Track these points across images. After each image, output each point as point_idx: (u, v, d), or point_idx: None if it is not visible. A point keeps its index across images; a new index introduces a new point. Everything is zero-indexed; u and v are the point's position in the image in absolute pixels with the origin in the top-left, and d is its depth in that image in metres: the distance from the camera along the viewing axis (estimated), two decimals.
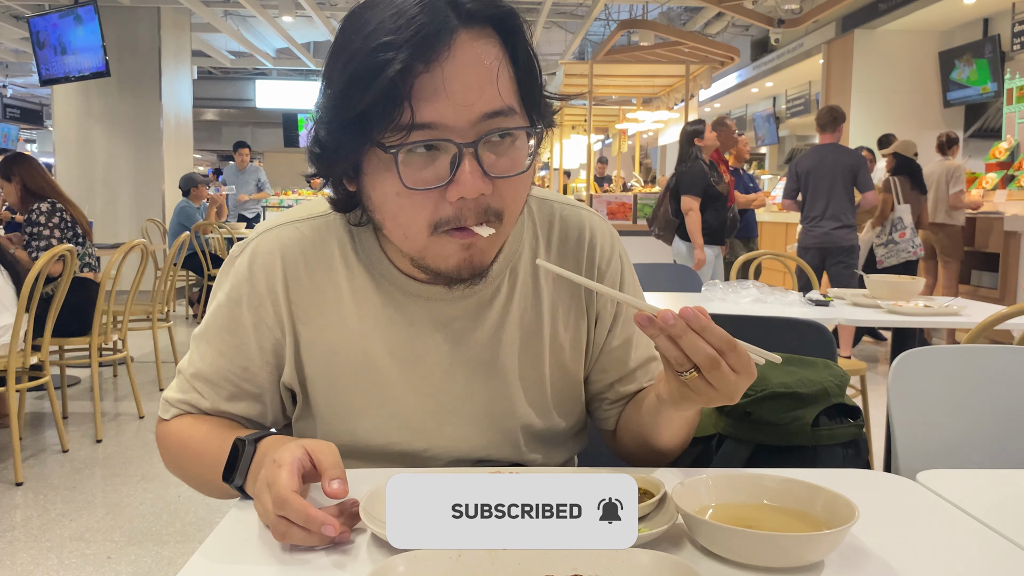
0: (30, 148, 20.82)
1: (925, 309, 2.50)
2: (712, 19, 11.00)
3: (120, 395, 4.40)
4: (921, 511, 0.81)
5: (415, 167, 0.76)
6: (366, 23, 0.76)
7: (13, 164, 3.77)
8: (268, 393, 0.95)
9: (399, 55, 0.72)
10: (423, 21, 0.73)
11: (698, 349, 0.72)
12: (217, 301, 0.94)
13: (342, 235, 0.92)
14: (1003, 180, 6.28)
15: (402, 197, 0.78)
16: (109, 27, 6.98)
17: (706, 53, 8.22)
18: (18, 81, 16.42)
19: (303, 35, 12.51)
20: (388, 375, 0.92)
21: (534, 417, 0.97)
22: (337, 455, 0.74)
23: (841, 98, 9.26)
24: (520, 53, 0.80)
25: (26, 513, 2.72)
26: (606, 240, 0.99)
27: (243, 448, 0.80)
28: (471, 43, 0.76)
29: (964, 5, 8.08)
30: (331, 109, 0.78)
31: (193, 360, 0.94)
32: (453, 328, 0.92)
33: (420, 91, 0.74)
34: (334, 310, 0.91)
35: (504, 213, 0.80)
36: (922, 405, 1.16)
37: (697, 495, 0.75)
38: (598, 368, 1.01)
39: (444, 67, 0.74)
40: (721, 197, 4.80)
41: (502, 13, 0.78)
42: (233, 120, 18.26)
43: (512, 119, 0.78)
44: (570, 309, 0.97)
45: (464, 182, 0.75)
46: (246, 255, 0.92)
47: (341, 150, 0.79)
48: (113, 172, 8.26)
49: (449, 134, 0.75)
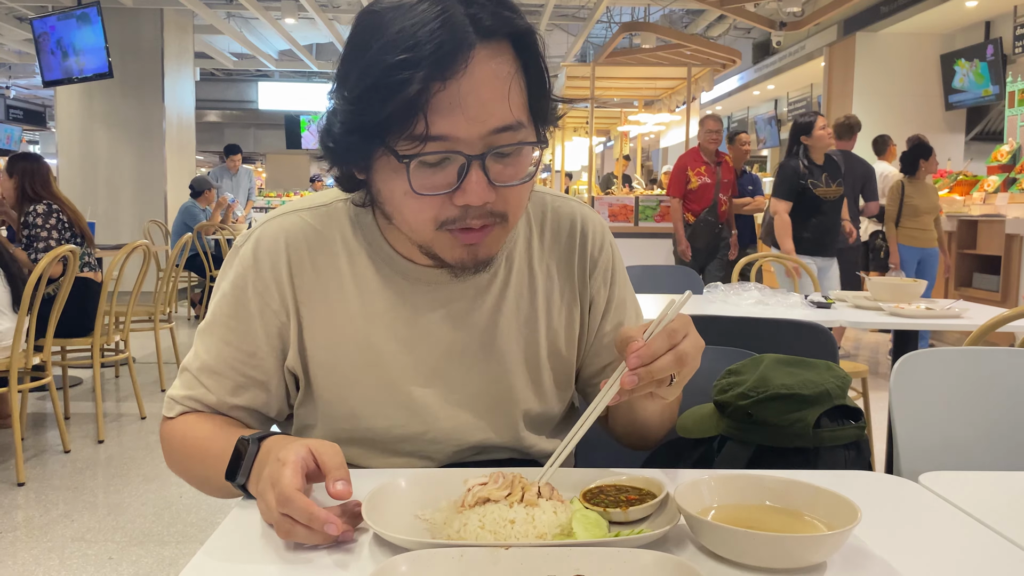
0: (33, 149, 20.87)
1: (927, 311, 2.50)
2: (714, 22, 11.01)
3: (122, 396, 4.40)
4: (924, 513, 0.81)
5: (423, 174, 0.79)
6: (384, 27, 0.77)
7: (19, 161, 3.76)
8: (273, 380, 0.96)
9: (418, 72, 0.74)
10: (443, 38, 0.74)
11: (663, 367, 0.76)
12: (221, 291, 0.95)
13: (343, 223, 0.95)
14: (1005, 183, 6.27)
15: (409, 197, 0.81)
16: (112, 28, 7.00)
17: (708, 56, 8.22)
18: (21, 82, 16.45)
19: (305, 37, 12.53)
20: (389, 358, 0.94)
21: (532, 400, 1.00)
22: (341, 456, 0.75)
23: (843, 101, 9.26)
24: (532, 68, 0.82)
25: (28, 513, 2.73)
26: (597, 230, 1.04)
27: (246, 447, 0.80)
28: (488, 60, 0.77)
29: (966, 8, 8.08)
30: (346, 111, 0.80)
31: (198, 354, 0.96)
32: (452, 312, 0.95)
33: (436, 105, 0.76)
34: (336, 295, 0.94)
35: (508, 215, 0.84)
36: (924, 407, 1.16)
37: (699, 496, 0.76)
38: (592, 352, 1.05)
39: (461, 83, 0.76)
40: (820, 201, 4.27)
41: (519, 31, 0.80)
42: (235, 122, 18.29)
43: (520, 132, 0.81)
44: (563, 296, 1.01)
45: (470, 191, 0.79)
46: (250, 243, 0.95)
47: (354, 148, 0.82)
48: (115, 173, 8.27)
49: (460, 146, 0.77)
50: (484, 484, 0.77)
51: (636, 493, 0.79)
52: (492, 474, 0.79)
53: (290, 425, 1.03)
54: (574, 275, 1.01)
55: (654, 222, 6.77)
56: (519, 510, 0.73)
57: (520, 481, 0.77)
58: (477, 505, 0.74)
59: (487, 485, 0.77)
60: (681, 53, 8.39)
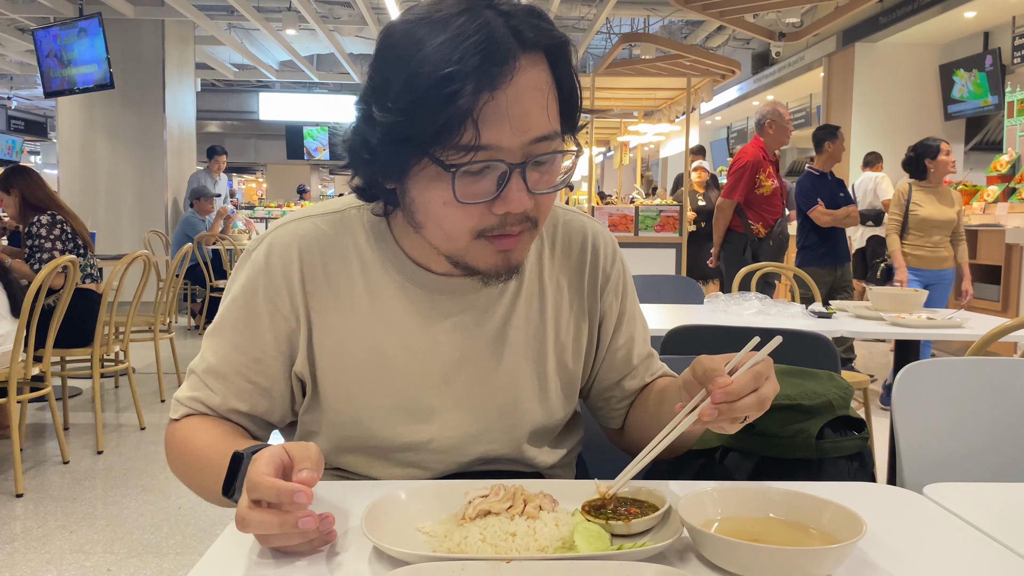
0: (34, 159, 20.92)
1: (928, 321, 2.50)
2: (713, 32, 11.05)
3: (121, 406, 4.39)
4: (929, 525, 0.81)
5: (466, 182, 0.81)
6: (423, 40, 0.78)
7: (12, 177, 3.79)
8: (278, 386, 0.96)
9: (467, 85, 0.75)
10: (489, 49, 0.76)
11: (744, 408, 0.77)
12: (232, 294, 0.96)
13: (356, 229, 0.96)
14: (1004, 193, 6.27)
15: (449, 206, 0.82)
16: (113, 39, 7.02)
17: (707, 66, 8.25)
18: (23, 93, 16.51)
19: (306, 48, 12.58)
20: (398, 365, 0.94)
21: (537, 412, 1.00)
22: (313, 450, 0.74)
23: (842, 111, 9.28)
24: (566, 79, 0.84)
25: (26, 524, 2.71)
26: (608, 245, 1.06)
27: (242, 462, 0.80)
28: (528, 70, 0.80)
29: (964, 19, 8.12)
30: (390, 123, 0.80)
31: (205, 356, 0.96)
32: (463, 322, 0.96)
33: (485, 116, 0.77)
34: (348, 301, 0.94)
35: (539, 220, 0.87)
36: (927, 418, 1.16)
37: (702, 508, 0.75)
38: (605, 367, 1.06)
39: (508, 93, 0.78)
40: None
41: (557, 43, 0.82)
42: (236, 132, 18.33)
43: (555, 142, 0.83)
44: (573, 309, 1.03)
45: (511, 200, 0.81)
46: (263, 247, 0.95)
47: (394, 158, 0.82)
48: (116, 183, 8.28)
49: (503, 155, 0.80)
50: (485, 496, 0.77)
51: (638, 505, 0.78)
52: (493, 486, 0.78)
53: (292, 432, 1.03)
54: (584, 289, 1.03)
55: (654, 232, 6.77)
56: (520, 523, 0.72)
57: (521, 493, 0.76)
58: (478, 518, 0.73)
59: (488, 497, 0.76)
60: (680, 64, 8.41)
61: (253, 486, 0.69)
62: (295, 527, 0.68)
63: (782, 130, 4.47)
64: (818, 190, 4.57)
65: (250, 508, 0.69)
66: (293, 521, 0.68)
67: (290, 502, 0.67)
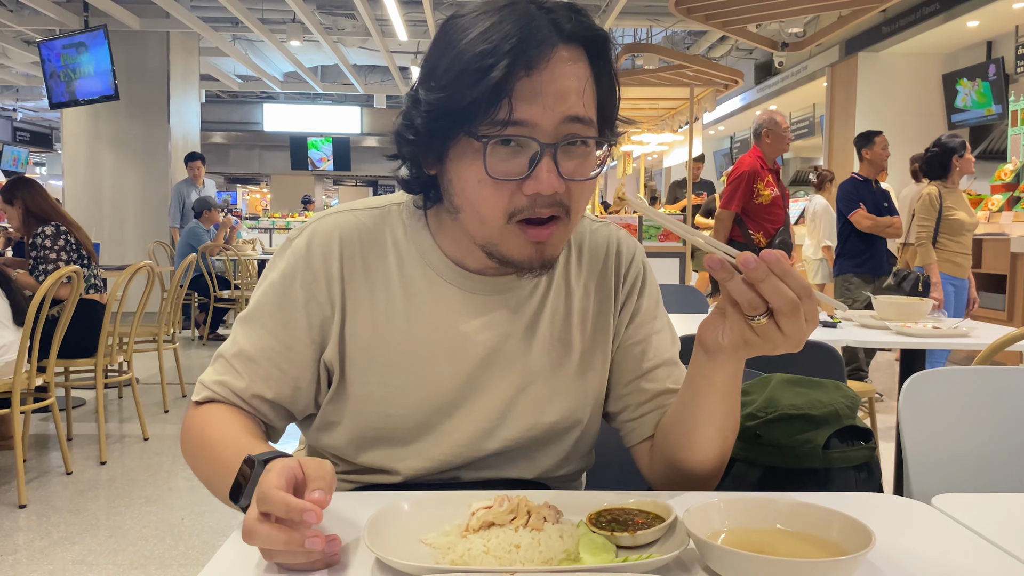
0: (39, 171, 21.03)
1: (934, 331, 2.48)
2: (716, 42, 11.08)
3: (125, 417, 4.39)
4: (938, 536, 0.80)
5: (499, 158, 0.84)
6: (469, 28, 0.85)
7: (15, 188, 3.81)
8: (306, 375, 0.97)
9: (503, 61, 0.81)
10: (526, 33, 0.82)
11: (780, 293, 0.74)
12: (269, 280, 0.97)
13: (396, 225, 0.99)
14: (1009, 202, 6.27)
15: (483, 185, 0.85)
16: (118, 51, 7.07)
17: (710, 76, 8.25)
18: (28, 105, 16.62)
19: (310, 59, 12.64)
20: (428, 360, 0.96)
21: (557, 415, 1.01)
22: (326, 468, 0.73)
23: (845, 121, 9.29)
24: (604, 75, 0.88)
25: (29, 536, 2.71)
26: (629, 247, 1.08)
27: (252, 470, 0.79)
28: (566, 60, 0.84)
29: (967, 28, 8.12)
30: (433, 100, 0.85)
31: (237, 340, 0.97)
32: (493, 320, 0.98)
33: (520, 92, 0.82)
34: (383, 293, 0.96)
35: (571, 210, 0.88)
36: (934, 427, 1.15)
37: (709, 519, 0.74)
38: (618, 360, 1.05)
39: (543, 74, 0.82)
40: None
41: (596, 37, 0.87)
42: (240, 143, 18.41)
43: (589, 129, 0.87)
44: (597, 313, 1.04)
45: (541, 179, 0.84)
46: (305, 235, 0.97)
47: (436, 136, 0.87)
48: (121, 194, 8.32)
49: (535, 133, 0.83)
50: (489, 507, 0.76)
51: (644, 516, 0.77)
52: (497, 497, 0.78)
53: (309, 425, 1.03)
54: (609, 288, 1.05)
55: (657, 241, 6.76)
56: (524, 534, 0.71)
57: (526, 504, 0.76)
58: (482, 529, 0.73)
59: (492, 508, 0.76)
60: (683, 74, 8.42)
61: (264, 498, 0.68)
62: (301, 546, 0.67)
63: (779, 139, 4.44)
64: (860, 195, 4.53)
65: (259, 520, 0.68)
66: (300, 540, 0.67)
67: (299, 520, 0.67)
